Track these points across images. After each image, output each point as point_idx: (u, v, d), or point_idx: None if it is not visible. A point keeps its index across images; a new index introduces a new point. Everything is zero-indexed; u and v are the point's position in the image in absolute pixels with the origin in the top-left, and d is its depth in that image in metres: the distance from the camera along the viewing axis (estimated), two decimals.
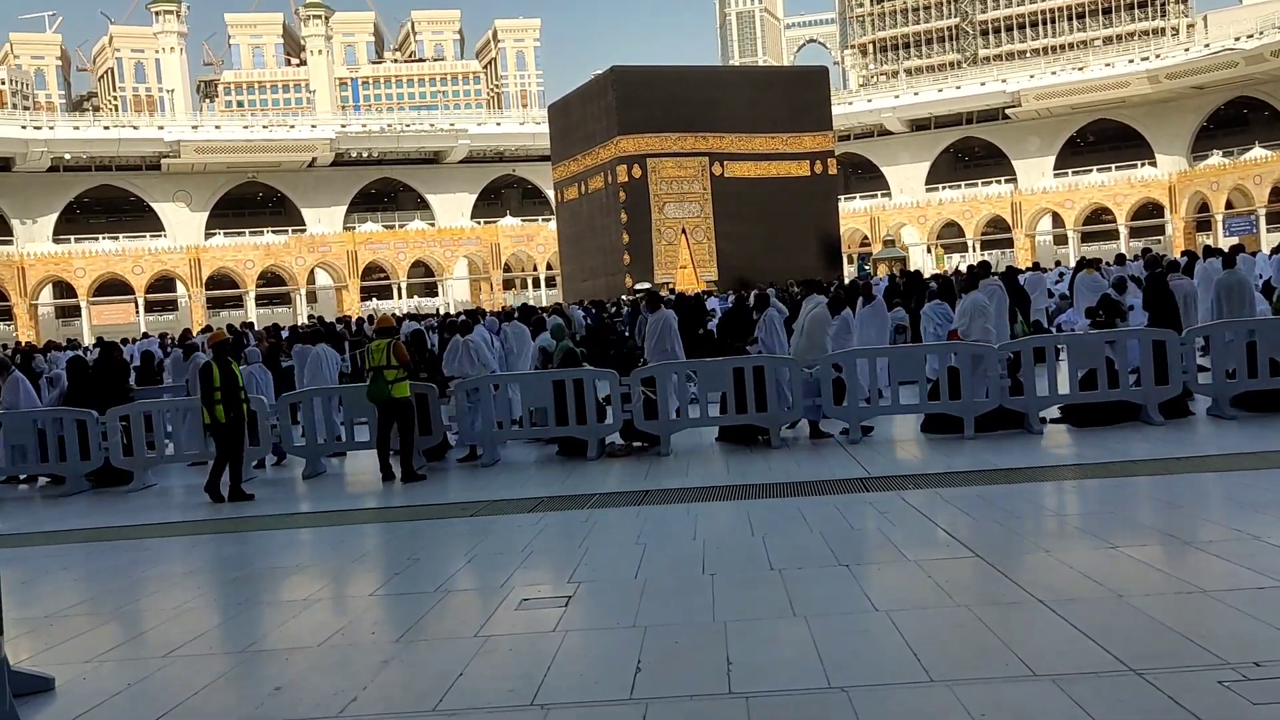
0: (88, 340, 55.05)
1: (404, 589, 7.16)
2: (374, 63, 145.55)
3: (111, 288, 67.28)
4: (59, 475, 13.24)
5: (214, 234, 77.20)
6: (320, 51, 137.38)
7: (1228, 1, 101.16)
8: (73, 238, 73.71)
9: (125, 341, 27.98)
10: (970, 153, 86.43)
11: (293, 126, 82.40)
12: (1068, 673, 4.56)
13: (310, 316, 48.59)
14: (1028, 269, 32.38)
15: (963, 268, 29.89)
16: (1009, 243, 72.82)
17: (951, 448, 10.98)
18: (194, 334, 26.31)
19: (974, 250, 71.97)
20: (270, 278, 71.73)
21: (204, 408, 11.19)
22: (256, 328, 30.42)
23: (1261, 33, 70.58)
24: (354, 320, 34.37)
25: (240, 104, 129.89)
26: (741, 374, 11.81)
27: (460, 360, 13.13)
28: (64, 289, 67.82)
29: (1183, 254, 21.64)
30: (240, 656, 5.89)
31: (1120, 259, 22.86)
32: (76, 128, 76.30)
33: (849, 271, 55.79)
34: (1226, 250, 17.18)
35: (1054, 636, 5.06)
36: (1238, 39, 72.37)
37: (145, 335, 36.55)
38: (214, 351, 11.47)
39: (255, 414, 12.25)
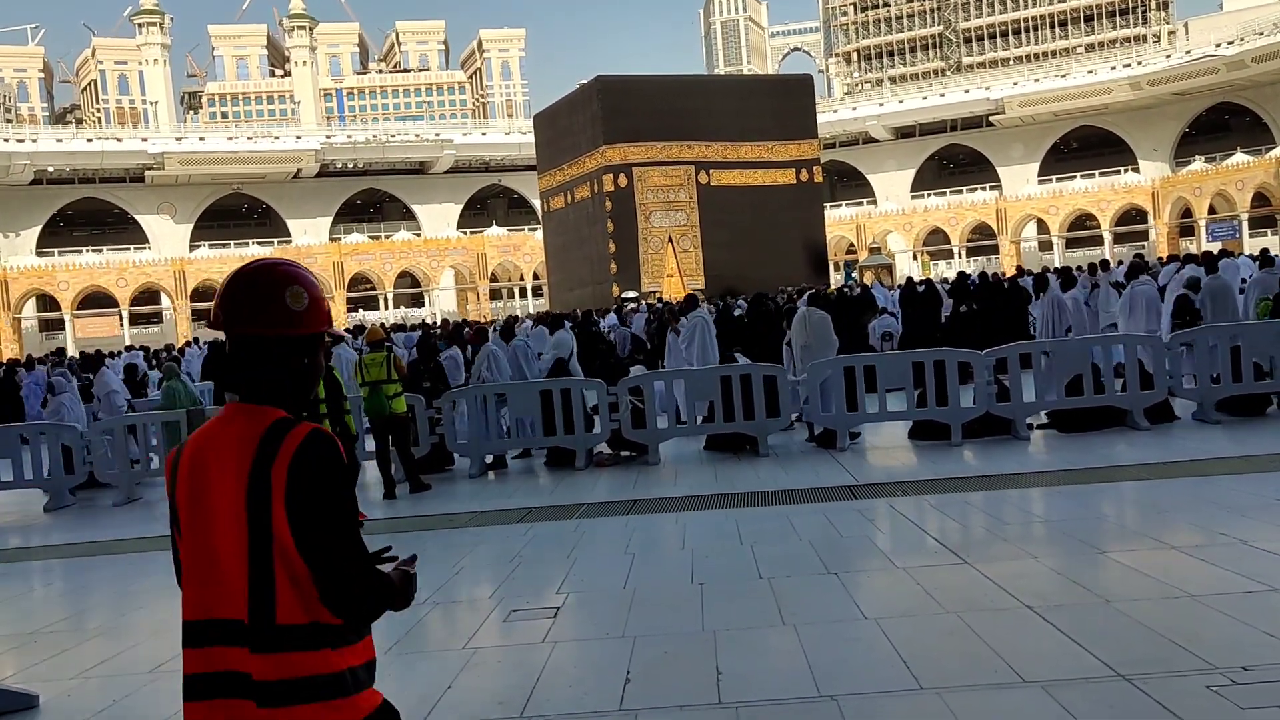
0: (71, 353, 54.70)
1: None
2: (359, 74, 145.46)
3: (95, 301, 66.91)
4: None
5: (199, 246, 76.83)
6: (305, 63, 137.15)
7: (1209, 8, 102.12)
8: (56, 251, 73.31)
9: (113, 354, 27.85)
10: (955, 160, 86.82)
11: (277, 138, 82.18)
12: (1057, 679, 4.56)
13: None
14: (1011, 275, 32.44)
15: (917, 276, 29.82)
16: (994, 249, 73.05)
17: (939, 454, 11.00)
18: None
19: (960, 257, 72.24)
20: None
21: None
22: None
23: (1242, 39, 71.14)
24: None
25: (224, 115, 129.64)
26: (729, 382, 11.83)
27: (481, 368, 13.18)
28: (47, 302, 67.39)
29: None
30: None
31: (1104, 264, 22.93)
32: (59, 140, 75.95)
33: (835, 279, 55.86)
34: (1210, 254, 17.29)
35: (1043, 643, 5.06)
36: (1219, 45, 72.88)
37: (129, 348, 36.35)
38: None
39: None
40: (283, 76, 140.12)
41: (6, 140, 72.63)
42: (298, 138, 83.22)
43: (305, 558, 2.13)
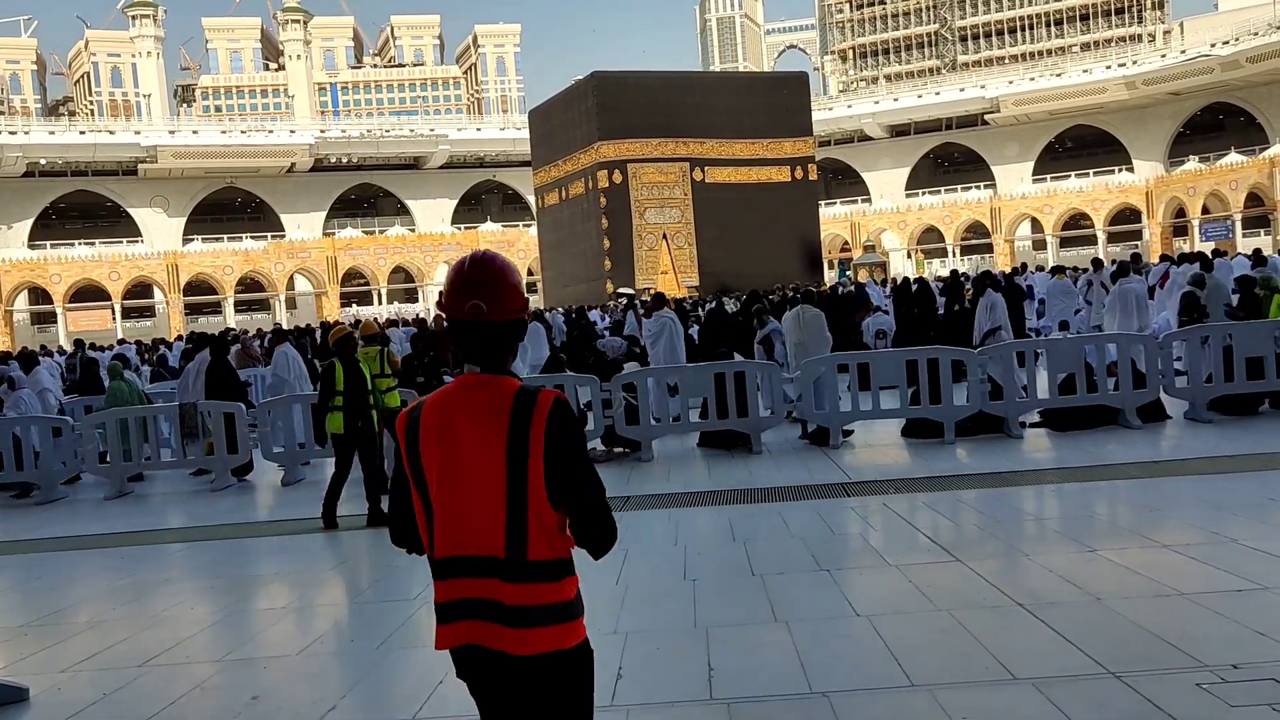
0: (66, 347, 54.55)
1: (383, 596, 7.12)
2: (353, 68, 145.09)
3: (88, 294, 66.75)
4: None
5: (192, 240, 76.74)
6: (299, 56, 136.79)
7: (1204, 8, 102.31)
8: (48, 243, 73.12)
9: (98, 346, 27.75)
10: (950, 158, 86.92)
11: (271, 131, 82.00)
12: (1048, 676, 4.57)
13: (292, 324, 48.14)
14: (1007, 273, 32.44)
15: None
16: (988, 248, 73.19)
17: (932, 452, 11.01)
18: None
19: (954, 255, 72.32)
20: (249, 284, 71.28)
21: (324, 415, 9.69)
22: (250, 333, 30.20)
23: (1237, 39, 71.28)
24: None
25: (218, 109, 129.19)
26: (723, 379, 11.83)
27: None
28: (40, 295, 67.24)
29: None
30: (218, 665, 5.83)
31: (1097, 263, 22.99)
32: (52, 132, 75.73)
33: (829, 277, 55.88)
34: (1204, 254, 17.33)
35: (1034, 640, 5.07)
36: (1214, 45, 73.00)
37: (121, 341, 36.25)
38: (337, 349, 9.74)
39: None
40: (277, 70, 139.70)
41: None
42: (291, 132, 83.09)
43: (561, 502, 2.51)
